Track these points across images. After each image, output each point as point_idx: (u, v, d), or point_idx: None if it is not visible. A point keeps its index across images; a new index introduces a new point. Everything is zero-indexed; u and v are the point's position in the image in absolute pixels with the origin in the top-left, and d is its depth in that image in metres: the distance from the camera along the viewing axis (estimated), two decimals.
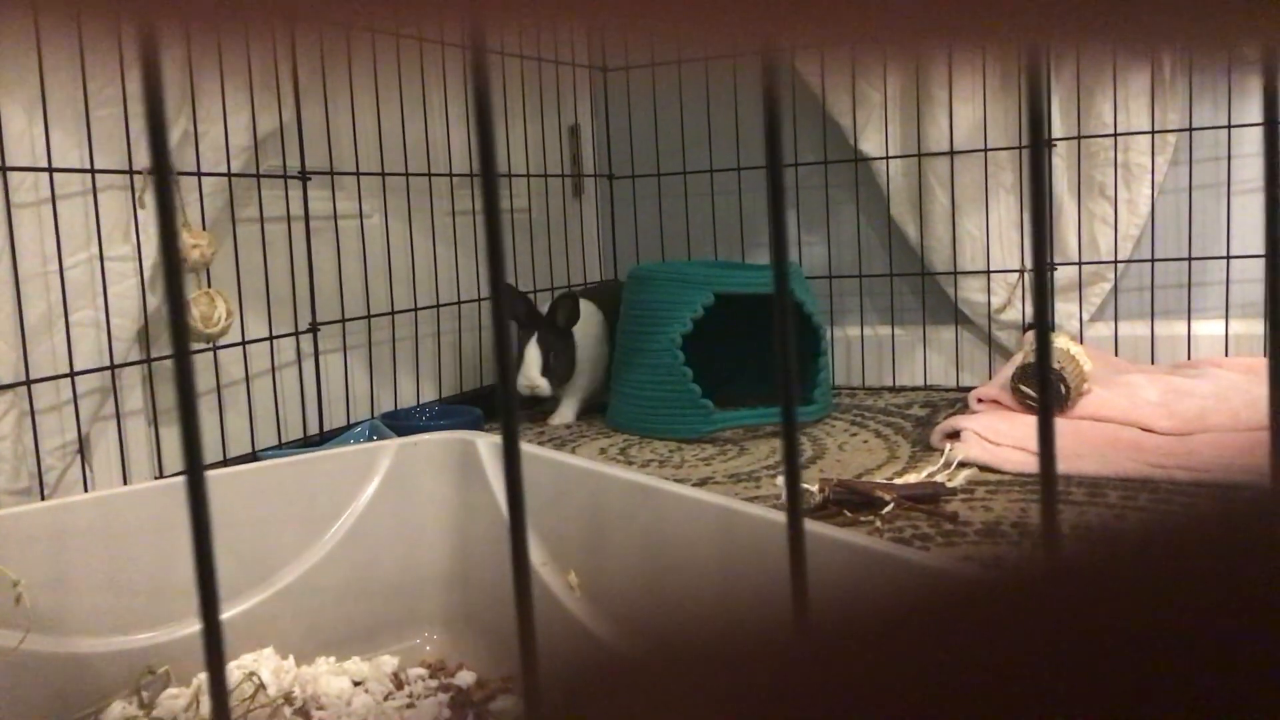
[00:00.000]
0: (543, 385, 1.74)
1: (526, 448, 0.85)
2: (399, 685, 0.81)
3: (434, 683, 0.80)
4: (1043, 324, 0.23)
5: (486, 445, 0.87)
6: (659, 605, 0.72)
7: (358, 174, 1.66)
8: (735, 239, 2.23)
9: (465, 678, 0.80)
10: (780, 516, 0.66)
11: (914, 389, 2.06)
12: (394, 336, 1.73)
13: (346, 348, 1.65)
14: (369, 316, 1.67)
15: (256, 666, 0.79)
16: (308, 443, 1.55)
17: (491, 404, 1.87)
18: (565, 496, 0.80)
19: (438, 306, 1.82)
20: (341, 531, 0.85)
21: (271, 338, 1.52)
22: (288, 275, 1.55)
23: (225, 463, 1.43)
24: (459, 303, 1.87)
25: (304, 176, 1.55)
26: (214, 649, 0.25)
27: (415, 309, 1.76)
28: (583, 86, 2.29)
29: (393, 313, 1.72)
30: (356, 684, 0.81)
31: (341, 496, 0.85)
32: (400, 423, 1.58)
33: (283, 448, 1.51)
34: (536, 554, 0.81)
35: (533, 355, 1.74)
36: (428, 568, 0.87)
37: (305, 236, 1.56)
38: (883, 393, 2.04)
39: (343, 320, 1.63)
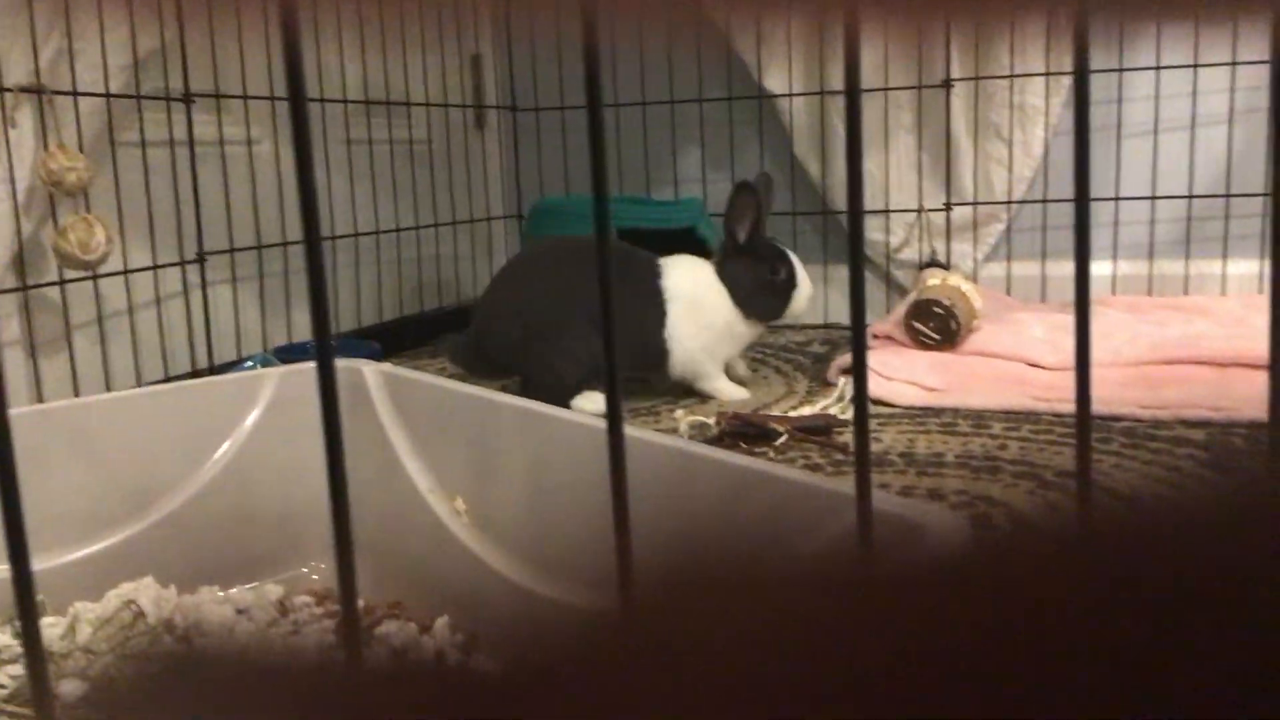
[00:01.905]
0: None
1: (412, 375, 0.84)
2: (284, 613, 0.80)
3: (319, 610, 0.79)
4: None
5: (374, 374, 0.86)
6: (543, 530, 0.72)
7: (245, 98, 1.60)
8: (640, 174, 2.22)
9: None
10: (663, 439, 0.66)
11: (815, 326, 2.09)
12: (287, 268, 1.69)
13: (236, 279, 1.60)
14: (259, 247, 1.62)
15: (136, 595, 0.77)
16: (196, 377, 1.51)
17: (394, 338, 1.84)
18: (452, 423, 0.79)
19: (334, 238, 1.78)
20: (223, 461, 0.83)
21: (155, 267, 1.47)
22: (172, 203, 1.49)
23: None
24: (356, 235, 1.83)
25: (188, 99, 1.48)
26: (25, 588, 0.24)
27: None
28: (485, 14, 2.23)
29: (285, 243, 1.67)
30: (240, 612, 0.80)
31: (222, 425, 0.83)
32: (294, 357, 1.54)
33: (170, 382, 1.46)
34: (424, 480, 0.80)
35: (802, 268, 1.47)
36: (314, 497, 0.85)
37: (190, 162, 1.50)
38: (784, 330, 2.06)
39: (231, 250, 1.58)
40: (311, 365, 0.90)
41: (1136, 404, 1.33)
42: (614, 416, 0.26)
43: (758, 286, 1.45)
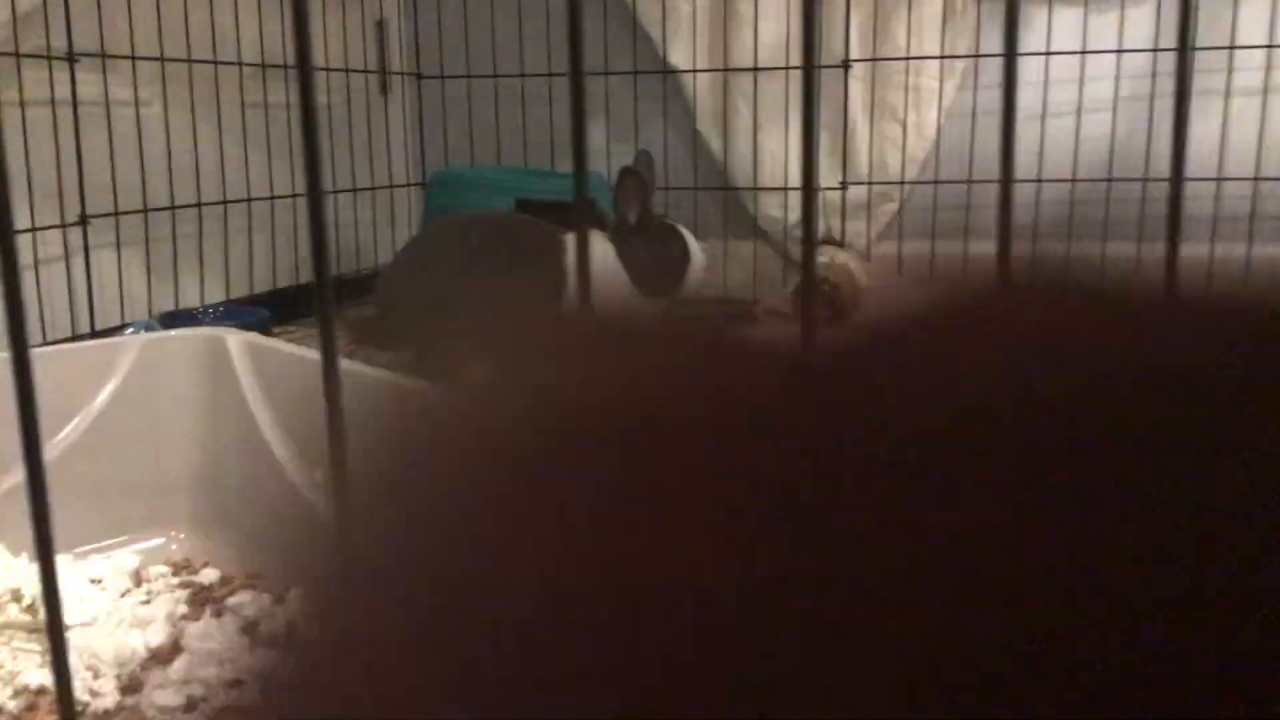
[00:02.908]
0: None
1: (275, 345, 0.84)
2: (138, 583, 0.80)
3: (175, 580, 0.79)
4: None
5: (237, 343, 0.86)
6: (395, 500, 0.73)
7: (133, 58, 1.56)
8: (545, 146, 2.21)
9: (209, 575, 0.80)
10: None
11: (715, 300, 2.12)
12: (174, 233, 1.66)
13: (121, 243, 1.57)
14: (145, 211, 1.59)
15: None
16: (77, 342, 1.48)
17: (285, 304, 1.82)
18: (314, 392, 0.79)
19: (225, 203, 1.75)
20: (79, 430, 0.82)
21: (34, 229, 1.43)
22: (54, 164, 1.46)
23: None
24: (249, 200, 1.80)
25: (71, 58, 1.45)
26: None
27: (199, 204, 1.69)
28: None
29: (173, 207, 1.64)
30: (94, 582, 0.80)
31: (78, 393, 0.82)
32: (180, 323, 1.52)
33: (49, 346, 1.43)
34: (284, 451, 0.81)
35: (695, 242, 1.48)
36: (174, 467, 0.85)
37: (73, 123, 1.46)
38: (684, 303, 2.09)
39: (115, 214, 1.54)
40: (175, 333, 0.89)
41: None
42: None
43: (653, 264, 1.46)
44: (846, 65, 1.96)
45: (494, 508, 0.14)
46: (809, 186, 0.27)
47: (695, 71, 2.06)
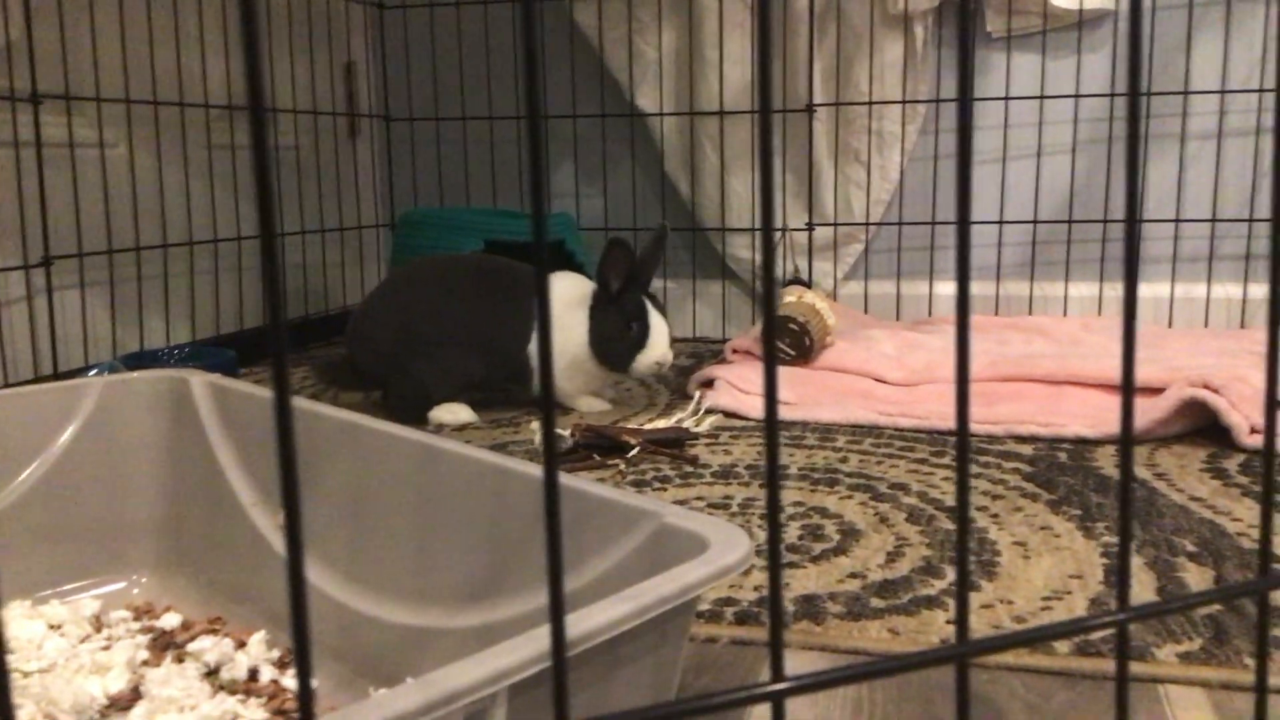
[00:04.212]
0: (670, 359, 1.49)
1: (239, 386, 0.83)
2: (99, 628, 0.78)
3: (136, 625, 0.78)
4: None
5: (200, 384, 0.85)
6: (362, 545, 0.73)
7: (98, 99, 1.56)
8: (514, 187, 2.23)
9: (170, 620, 0.79)
10: (473, 451, 0.68)
11: (684, 340, 2.13)
12: (140, 274, 1.65)
13: (85, 284, 1.55)
14: (110, 251, 1.58)
15: None
16: (39, 384, 1.46)
17: (251, 345, 1.81)
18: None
19: (191, 244, 1.74)
20: (40, 472, 0.81)
21: None
22: (17, 205, 1.45)
23: None
24: (215, 240, 1.80)
25: (35, 99, 1.44)
26: None
27: (165, 245, 1.68)
28: (359, 22, 2.22)
29: (138, 248, 1.63)
30: (54, 628, 0.78)
31: (38, 435, 0.81)
32: (145, 364, 1.51)
33: (9, 388, 1.41)
34: (248, 494, 0.80)
35: (662, 327, 1.47)
36: (136, 510, 0.84)
37: (37, 164, 1.46)
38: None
39: (80, 254, 1.53)
40: (137, 374, 0.88)
41: (972, 419, 1.39)
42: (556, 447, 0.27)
43: (612, 338, 1.46)
44: (811, 109, 1.99)
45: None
46: (768, 225, 0.28)
47: (662, 115, 2.09)
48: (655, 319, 1.46)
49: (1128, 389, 0.31)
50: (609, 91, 2.12)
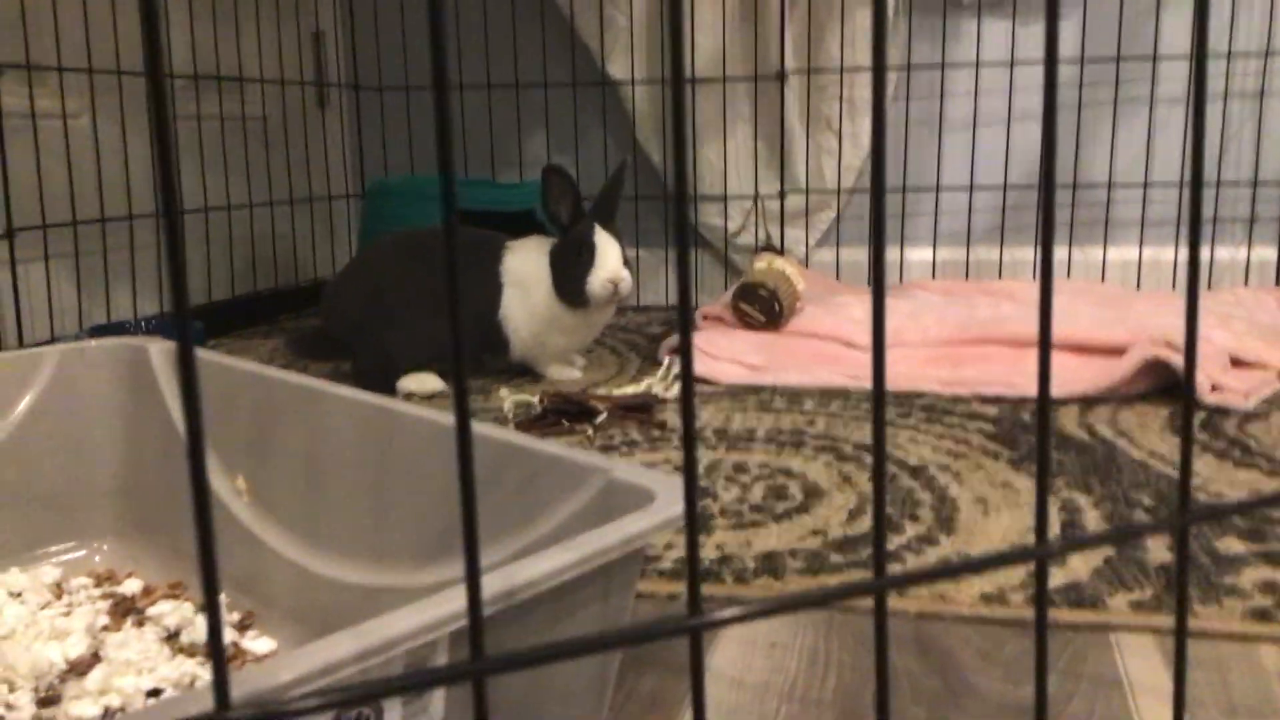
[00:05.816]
0: (628, 280, 1.43)
1: (198, 353, 0.83)
2: (59, 595, 0.78)
3: (97, 591, 0.78)
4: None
5: (159, 352, 0.85)
6: (320, 507, 0.73)
7: (59, 69, 1.54)
8: (485, 156, 2.22)
9: (131, 585, 0.79)
10: (428, 413, 0.68)
11: (657, 308, 2.13)
12: (105, 246, 1.63)
13: (49, 256, 1.54)
14: (75, 223, 1.56)
15: None
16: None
17: (220, 317, 1.80)
18: (234, 401, 0.79)
19: (157, 216, 1.73)
20: None
21: None
22: None
23: None
24: (183, 212, 1.78)
25: None
26: None
27: (130, 217, 1.66)
28: None
29: (103, 220, 1.62)
30: (14, 595, 0.78)
31: None
32: (112, 336, 1.50)
33: None
34: (208, 458, 0.80)
35: (610, 246, 1.41)
36: (96, 478, 0.84)
37: None
38: (627, 311, 2.10)
39: (43, 226, 1.52)
40: (95, 342, 0.88)
41: (938, 381, 1.40)
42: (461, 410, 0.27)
43: (563, 268, 1.45)
44: (783, 76, 1.98)
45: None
46: (681, 196, 0.28)
47: (634, 83, 2.08)
48: (602, 237, 1.43)
49: (1044, 345, 0.31)
50: (580, 60, 2.11)
